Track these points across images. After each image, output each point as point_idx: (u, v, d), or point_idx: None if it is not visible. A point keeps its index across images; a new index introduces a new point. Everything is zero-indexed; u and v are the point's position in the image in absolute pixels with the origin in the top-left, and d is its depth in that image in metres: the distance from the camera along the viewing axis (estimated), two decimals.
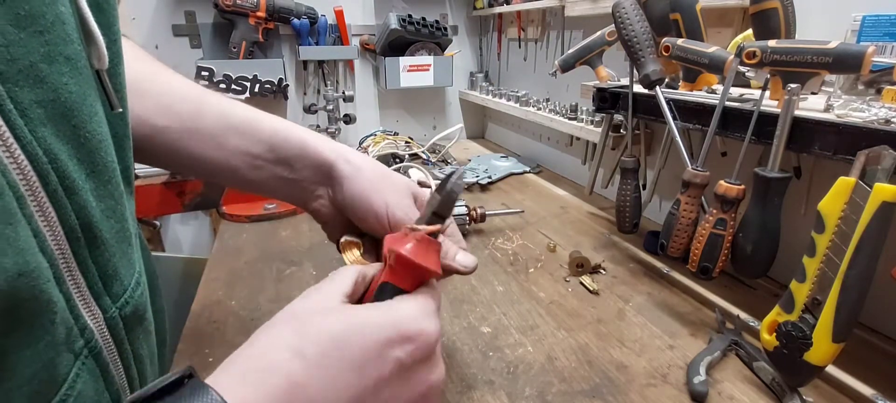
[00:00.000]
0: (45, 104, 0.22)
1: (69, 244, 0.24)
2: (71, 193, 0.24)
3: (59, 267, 0.24)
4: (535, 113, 1.24)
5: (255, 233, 0.93)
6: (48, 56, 0.22)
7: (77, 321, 0.25)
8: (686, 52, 0.64)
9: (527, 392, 0.51)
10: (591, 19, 1.08)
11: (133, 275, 0.30)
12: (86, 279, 0.26)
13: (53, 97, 0.23)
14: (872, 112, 0.48)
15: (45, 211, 0.23)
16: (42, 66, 0.22)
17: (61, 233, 0.24)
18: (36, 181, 0.22)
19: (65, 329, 0.24)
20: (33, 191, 0.22)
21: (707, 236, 0.57)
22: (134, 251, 0.31)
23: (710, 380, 0.51)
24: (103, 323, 0.27)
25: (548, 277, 0.75)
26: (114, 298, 0.28)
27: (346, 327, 0.27)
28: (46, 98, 0.22)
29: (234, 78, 1.32)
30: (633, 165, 0.79)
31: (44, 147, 0.22)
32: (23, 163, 0.21)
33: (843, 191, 0.43)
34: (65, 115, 0.23)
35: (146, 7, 1.33)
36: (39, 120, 0.22)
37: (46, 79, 0.22)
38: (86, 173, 0.25)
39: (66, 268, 0.24)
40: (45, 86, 0.22)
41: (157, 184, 1.01)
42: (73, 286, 0.25)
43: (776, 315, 0.48)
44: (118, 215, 0.28)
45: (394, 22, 1.38)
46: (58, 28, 0.23)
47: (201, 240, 1.56)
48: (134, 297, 0.30)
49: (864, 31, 0.57)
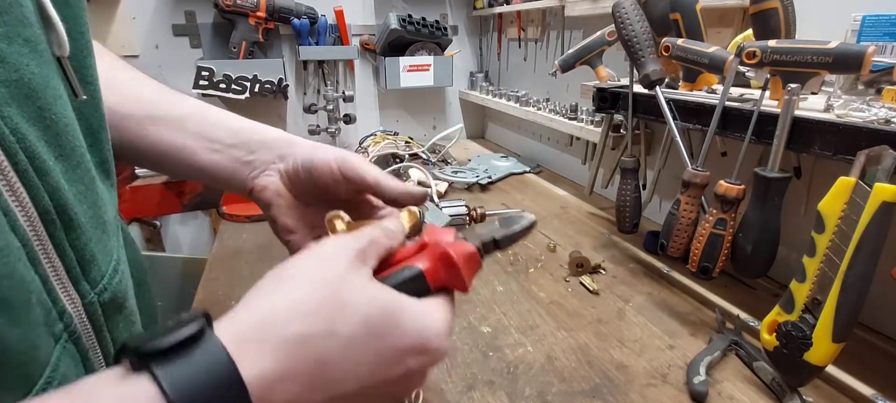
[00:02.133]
0: (8, 84, 0.22)
1: (44, 226, 0.24)
2: (42, 174, 0.23)
3: (34, 248, 0.23)
4: (535, 113, 1.24)
5: (254, 233, 0.93)
6: (7, 36, 0.22)
7: (55, 304, 0.25)
8: (686, 52, 0.64)
9: (527, 392, 0.51)
10: (591, 19, 1.08)
11: (110, 263, 0.30)
12: (63, 262, 0.25)
13: (16, 77, 0.22)
14: (872, 112, 0.48)
15: (15, 190, 0.22)
16: (1, 45, 0.22)
17: (35, 214, 0.23)
18: (5, 161, 0.22)
19: (43, 310, 0.24)
20: (2, 170, 0.22)
21: (707, 236, 0.57)
22: (110, 239, 0.30)
23: (710, 380, 0.51)
24: (81, 308, 0.27)
25: (548, 277, 0.75)
26: (92, 284, 0.27)
27: (382, 316, 0.26)
28: (9, 78, 0.22)
29: (234, 78, 1.32)
30: (633, 165, 0.79)
31: (10, 126, 0.22)
32: None
33: (843, 191, 0.43)
34: (29, 96, 0.23)
35: (146, 7, 1.33)
36: (3, 99, 0.22)
37: (7, 58, 0.22)
38: (54, 155, 0.25)
39: (41, 250, 0.24)
40: (7, 65, 0.22)
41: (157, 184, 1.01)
42: (50, 268, 0.25)
43: (776, 315, 0.48)
44: (90, 201, 0.28)
45: (394, 22, 1.38)
46: (15, 10, 0.22)
47: (201, 240, 1.56)
48: (112, 284, 0.29)
49: (864, 31, 0.57)
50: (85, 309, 0.27)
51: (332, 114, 1.46)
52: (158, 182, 1.01)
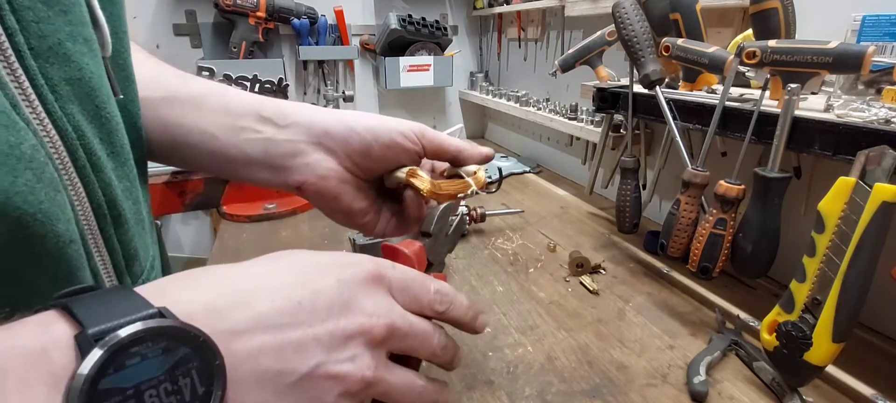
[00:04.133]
0: (72, 82, 0.23)
1: (97, 220, 0.25)
2: (97, 170, 0.24)
3: (88, 243, 0.24)
4: (535, 113, 1.24)
5: (255, 233, 0.93)
6: (72, 35, 0.23)
7: None
8: (686, 52, 0.64)
9: (527, 392, 0.51)
10: (591, 19, 1.08)
11: (148, 258, 0.30)
12: (111, 257, 0.26)
13: (79, 76, 0.23)
14: (872, 112, 0.48)
15: (75, 186, 0.23)
16: (68, 44, 0.22)
17: (89, 209, 0.24)
18: (66, 156, 0.22)
19: None
20: (65, 165, 0.22)
21: (707, 236, 0.57)
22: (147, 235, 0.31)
23: (710, 380, 0.51)
24: None
25: (548, 277, 0.75)
26: (133, 278, 0.28)
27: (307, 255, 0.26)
28: (73, 76, 0.23)
29: (234, 78, 1.32)
30: (633, 165, 0.79)
31: (73, 123, 0.23)
32: (54, 138, 0.22)
33: (843, 191, 0.43)
34: (89, 94, 0.24)
35: (147, 6, 1.33)
36: (68, 97, 0.22)
37: (72, 57, 0.23)
38: (107, 152, 0.25)
39: (93, 244, 0.24)
40: (72, 64, 0.23)
41: (157, 184, 1.01)
42: (101, 262, 0.25)
43: (776, 315, 0.48)
44: (134, 197, 0.28)
45: (394, 22, 1.38)
46: (77, 9, 0.23)
47: (201, 240, 1.56)
48: (150, 279, 0.30)
49: (864, 31, 0.57)
50: None
51: None
52: (159, 181, 1.01)
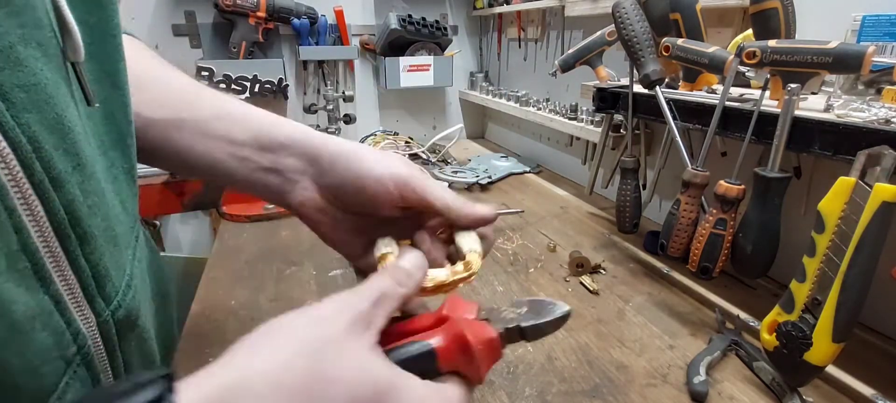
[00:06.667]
0: (27, 88, 0.21)
1: (59, 241, 0.23)
2: (58, 186, 0.22)
3: (46, 267, 0.22)
4: (535, 113, 1.24)
5: (255, 233, 0.93)
6: (24, 39, 0.21)
7: (69, 325, 0.23)
8: (686, 52, 0.64)
9: (527, 392, 0.51)
10: (591, 19, 1.08)
11: (123, 277, 0.28)
12: (79, 278, 0.24)
13: (34, 82, 0.21)
14: (872, 112, 0.48)
15: (30, 204, 0.21)
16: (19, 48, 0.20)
17: (49, 230, 0.22)
18: (19, 171, 0.20)
19: (54, 335, 0.22)
20: (17, 181, 0.20)
21: (707, 236, 0.57)
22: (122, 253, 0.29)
23: (710, 380, 0.51)
24: (96, 327, 0.25)
25: (548, 277, 0.75)
26: (106, 300, 0.26)
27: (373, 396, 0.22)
28: (28, 82, 0.21)
29: (234, 78, 1.32)
30: (633, 165, 0.79)
31: (28, 134, 0.21)
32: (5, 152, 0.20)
33: (843, 191, 0.43)
34: (47, 102, 0.22)
35: (146, 7, 1.33)
36: (22, 105, 0.20)
37: (25, 62, 0.21)
38: (72, 166, 0.23)
39: (55, 267, 0.22)
40: (25, 69, 0.21)
41: (157, 184, 1.01)
42: (65, 286, 0.23)
43: (776, 315, 0.48)
44: (102, 213, 0.26)
45: (394, 22, 1.38)
46: (29, 12, 0.21)
47: (201, 240, 1.56)
48: (126, 300, 0.28)
49: (864, 31, 0.57)
50: (99, 329, 0.26)
51: (332, 114, 1.46)
52: (158, 182, 1.01)
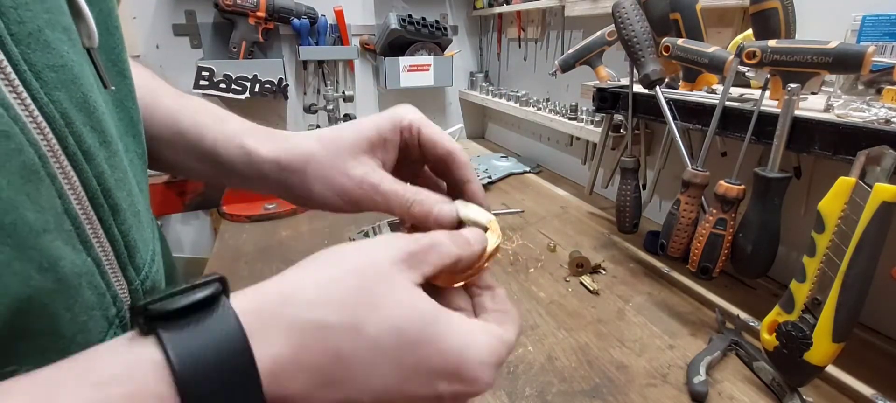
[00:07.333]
0: (56, 69, 0.22)
1: (94, 210, 0.24)
2: (89, 158, 0.23)
3: (86, 232, 0.23)
4: (535, 113, 1.24)
5: (255, 233, 0.93)
6: (50, 23, 0.22)
7: (109, 288, 0.25)
8: (686, 52, 0.64)
9: (527, 392, 0.51)
10: (591, 19, 1.08)
11: (148, 251, 0.30)
12: (113, 247, 0.25)
13: (62, 63, 0.22)
14: (872, 112, 0.48)
15: (67, 174, 0.22)
16: (47, 31, 0.22)
17: (85, 198, 0.23)
18: (55, 142, 0.22)
19: (96, 294, 0.24)
20: (54, 151, 0.22)
21: (707, 236, 0.57)
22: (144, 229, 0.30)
23: (710, 380, 0.51)
24: (128, 295, 0.27)
25: (548, 277, 0.75)
26: (136, 271, 0.27)
27: (418, 327, 0.23)
28: (56, 63, 0.22)
29: (234, 78, 1.32)
30: (633, 165, 0.79)
31: (60, 110, 0.22)
32: (42, 124, 0.21)
33: (843, 191, 0.43)
34: (74, 82, 0.23)
35: (146, 6, 1.33)
36: (53, 83, 0.22)
37: (52, 45, 0.22)
38: (99, 141, 0.25)
39: (93, 234, 0.24)
40: (53, 51, 0.22)
41: (158, 184, 1.01)
42: (102, 252, 0.24)
43: (776, 315, 0.48)
44: (127, 189, 0.28)
45: (394, 22, 1.38)
46: None
47: (202, 240, 1.56)
48: (151, 273, 0.29)
49: (864, 31, 0.57)
50: (131, 296, 0.27)
51: (332, 114, 1.46)
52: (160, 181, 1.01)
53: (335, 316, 0.22)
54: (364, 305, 0.22)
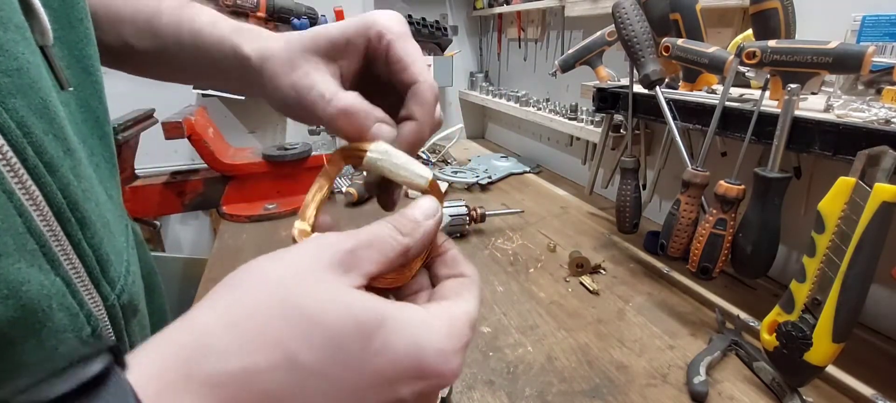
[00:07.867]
0: (11, 73, 0.20)
1: (60, 225, 0.22)
2: (52, 170, 0.22)
3: (53, 250, 0.22)
4: (535, 113, 1.24)
5: (255, 233, 0.93)
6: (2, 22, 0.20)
7: (82, 307, 0.23)
8: (686, 52, 0.64)
9: (527, 392, 0.51)
10: (591, 19, 1.08)
11: (122, 263, 0.28)
12: (83, 263, 0.24)
13: (17, 66, 0.20)
14: (872, 112, 0.48)
15: (28, 189, 0.20)
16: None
17: (49, 213, 0.22)
18: (12, 155, 0.20)
19: (69, 316, 0.22)
20: (11, 166, 0.20)
21: (707, 236, 0.57)
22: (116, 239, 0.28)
23: (710, 380, 0.51)
24: (104, 311, 0.25)
25: (548, 277, 0.75)
26: (111, 285, 0.26)
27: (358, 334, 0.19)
28: (11, 66, 0.20)
29: None
30: (633, 165, 0.79)
31: (16, 119, 0.20)
32: None
33: (843, 191, 0.43)
34: (32, 87, 0.21)
35: None
36: (8, 89, 0.20)
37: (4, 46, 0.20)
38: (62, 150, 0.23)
39: (61, 251, 0.22)
40: (7, 53, 0.20)
41: (157, 184, 1.01)
42: (72, 269, 0.23)
43: (776, 315, 0.48)
44: (94, 199, 0.26)
45: None
46: None
47: (201, 240, 1.56)
48: (127, 285, 0.28)
49: (864, 31, 0.57)
50: (107, 312, 0.26)
51: None
52: (159, 182, 1.01)
53: (259, 356, 0.17)
54: (292, 332, 0.18)
